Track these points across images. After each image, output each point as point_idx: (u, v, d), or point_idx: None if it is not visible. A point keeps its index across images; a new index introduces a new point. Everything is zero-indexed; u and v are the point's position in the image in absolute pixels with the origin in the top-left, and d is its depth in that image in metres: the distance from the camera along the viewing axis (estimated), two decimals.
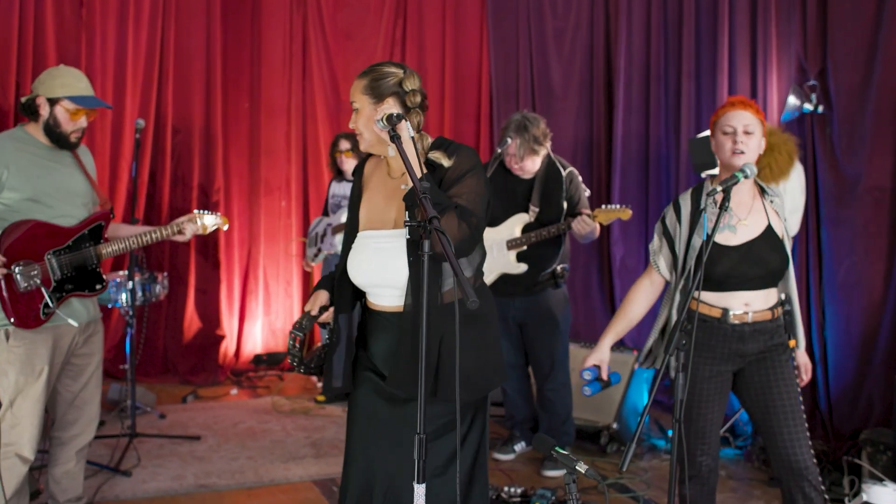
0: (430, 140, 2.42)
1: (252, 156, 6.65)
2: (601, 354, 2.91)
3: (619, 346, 5.05)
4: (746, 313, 2.82)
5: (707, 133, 4.50)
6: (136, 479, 4.09)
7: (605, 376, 2.87)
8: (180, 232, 3.32)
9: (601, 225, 4.15)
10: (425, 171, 2.19)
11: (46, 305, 3.01)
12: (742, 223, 2.85)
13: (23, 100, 3.10)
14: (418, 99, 2.38)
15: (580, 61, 6.42)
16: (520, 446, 4.55)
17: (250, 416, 5.25)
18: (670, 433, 4.56)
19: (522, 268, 4.20)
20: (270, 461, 4.41)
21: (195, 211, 3.43)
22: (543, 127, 4.17)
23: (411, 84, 2.38)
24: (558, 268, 4.28)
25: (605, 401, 4.64)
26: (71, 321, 3.08)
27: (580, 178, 4.32)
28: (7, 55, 5.46)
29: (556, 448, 2.12)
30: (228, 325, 6.51)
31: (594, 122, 6.37)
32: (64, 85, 3.06)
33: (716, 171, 4.49)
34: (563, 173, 4.22)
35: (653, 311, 3.09)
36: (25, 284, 2.98)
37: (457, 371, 1.96)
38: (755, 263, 2.81)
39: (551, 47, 6.51)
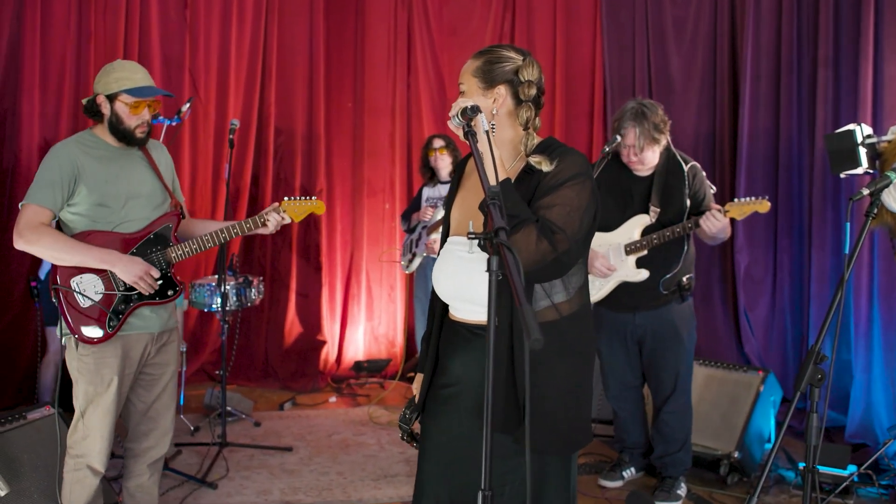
0: (536, 141, 2.12)
1: (355, 157, 6.50)
2: None
3: (745, 365, 4.57)
4: None
5: (848, 127, 3.97)
6: (222, 491, 3.96)
7: None
8: (264, 224, 3.10)
9: (733, 221, 3.69)
10: (507, 175, 1.90)
11: (111, 319, 2.90)
12: None
13: (84, 101, 3.00)
14: (533, 92, 2.11)
15: (702, 51, 5.95)
16: (629, 472, 4.15)
17: (346, 427, 5.07)
18: (801, 466, 4.08)
19: (644, 274, 3.79)
20: (361, 478, 4.19)
21: (285, 199, 3.15)
22: (662, 114, 3.75)
23: (529, 74, 2.10)
24: (684, 279, 3.85)
25: (727, 426, 4.19)
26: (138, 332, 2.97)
27: (704, 174, 3.89)
28: (113, 57, 5.48)
29: None
30: (330, 330, 6.37)
31: (717, 117, 5.88)
32: (119, 79, 2.93)
33: (858, 171, 3.97)
34: (686, 168, 3.80)
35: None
36: (88, 303, 2.89)
37: (526, 405, 1.63)
38: None
39: (670, 37, 6.06)
